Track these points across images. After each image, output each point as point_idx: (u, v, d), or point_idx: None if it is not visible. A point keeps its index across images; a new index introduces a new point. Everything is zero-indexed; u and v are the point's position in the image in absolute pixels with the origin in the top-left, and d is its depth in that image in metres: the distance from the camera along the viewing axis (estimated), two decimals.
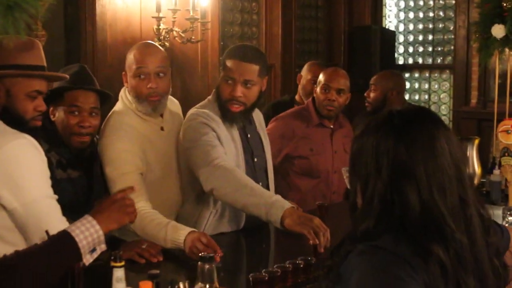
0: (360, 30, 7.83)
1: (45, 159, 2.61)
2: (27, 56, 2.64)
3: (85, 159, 3.17)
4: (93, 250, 2.38)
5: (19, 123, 2.64)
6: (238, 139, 3.42)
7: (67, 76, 3.00)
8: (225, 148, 3.32)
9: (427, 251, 1.57)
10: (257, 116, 3.68)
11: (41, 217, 2.53)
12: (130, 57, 3.37)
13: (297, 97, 5.52)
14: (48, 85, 2.80)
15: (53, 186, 2.59)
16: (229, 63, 3.36)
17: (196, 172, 3.23)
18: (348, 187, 3.55)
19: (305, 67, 5.49)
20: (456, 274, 1.59)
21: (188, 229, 2.99)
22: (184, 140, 3.36)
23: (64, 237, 2.33)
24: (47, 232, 2.43)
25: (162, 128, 3.46)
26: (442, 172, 1.63)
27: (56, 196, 2.62)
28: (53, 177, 2.66)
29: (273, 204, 2.98)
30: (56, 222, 2.58)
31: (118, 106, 3.46)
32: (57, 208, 2.61)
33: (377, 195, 1.65)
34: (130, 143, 3.28)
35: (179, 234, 2.97)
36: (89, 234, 2.35)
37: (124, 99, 3.43)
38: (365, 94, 5.39)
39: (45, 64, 2.74)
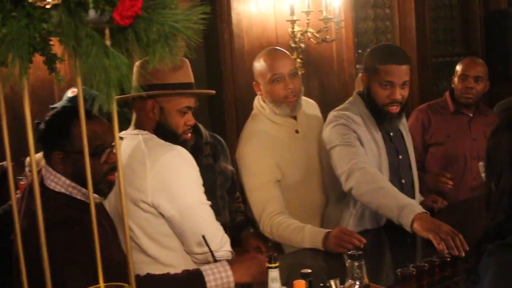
0: (496, 14, 7.61)
1: (197, 168, 2.79)
2: (178, 75, 2.82)
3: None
4: None
5: (172, 137, 2.83)
6: (380, 139, 3.47)
7: (213, 92, 3.17)
8: (367, 149, 3.38)
9: None
10: None
11: (196, 222, 2.71)
12: (260, 65, 3.49)
13: None
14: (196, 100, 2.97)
15: None
16: (384, 68, 3.37)
17: (337, 171, 3.32)
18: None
19: (357, 81, 4.92)
20: None
21: (325, 230, 3.16)
22: (325, 141, 3.44)
23: (196, 275, 2.48)
24: (203, 237, 2.60)
25: (297, 131, 3.57)
26: None
27: (209, 202, 2.80)
28: None
29: (405, 208, 3.03)
30: (211, 226, 2.75)
31: (252, 114, 3.61)
32: (210, 213, 2.78)
33: (509, 190, 1.66)
34: (265, 151, 3.42)
35: (317, 235, 3.14)
36: (219, 277, 2.47)
37: (258, 106, 3.57)
38: None
39: (193, 80, 2.91)
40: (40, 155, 2.48)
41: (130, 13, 1.50)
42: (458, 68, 4.56)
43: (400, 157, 3.56)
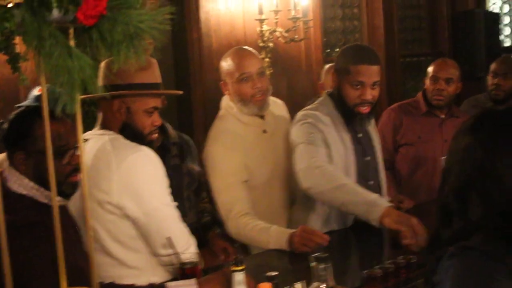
0: (463, 15, 7.67)
1: (163, 169, 2.76)
2: (145, 75, 2.79)
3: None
4: None
5: (138, 138, 2.80)
6: (348, 140, 3.46)
7: (181, 92, 3.15)
8: (333, 149, 3.37)
9: None
10: None
11: (162, 224, 2.68)
12: (228, 64, 3.49)
13: None
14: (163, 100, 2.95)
15: None
16: (355, 68, 3.38)
17: (295, 169, 3.31)
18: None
19: (324, 74, 5.09)
20: None
21: (290, 231, 3.16)
22: (291, 139, 3.44)
23: None
24: (169, 238, 2.58)
25: (264, 131, 3.57)
26: None
27: (175, 204, 2.77)
28: None
29: (372, 203, 3.05)
30: (177, 228, 2.73)
31: (220, 114, 3.60)
32: (176, 215, 2.76)
33: (456, 189, 1.66)
34: (232, 151, 3.42)
35: (282, 236, 3.15)
36: None
37: (226, 106, 3.56)
38: (496, 82, 5.09)
39: (160, 80, 2.89)
40: (3, 156, 2.44)
41: (94, 13, 1.48)
42: (430, 69, 4.56)
43: (368, 158, 3.56)
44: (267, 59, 5.77)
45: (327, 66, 5.13)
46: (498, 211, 1.60)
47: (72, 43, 1.52)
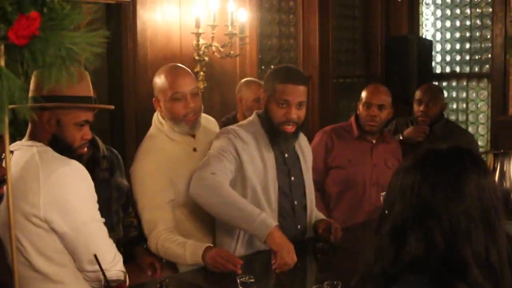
0: (397, 39, 7.83)
1: (92, 183, 2.73)
2: (77, 87, 2.74)
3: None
4: None
5: (67, 151, 2.77)
6: (271, 159, 3.48)
7: (112, 107, 3.12)
8: (249, 167, 3.39)
9: None
10: (300, 137, 3.69)
11: (89, 239, 2.65)
12: (161, 81, 3.46)
13: (239, 115, 5.21)
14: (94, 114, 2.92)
15: None
16: (281, 87, 3.42)
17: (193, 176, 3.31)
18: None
19: (244, 88, 5.20)
20: None
21: (205, 245, 3.16)
22: None
23: None
24: (95, 256, 2.55)
25: (195, 149, 3.56)
26: (467, 218, 1.63)
27: (103, 219, 2.75)
28: None
29: (260, 221, 3.09)
30: (104, 244, 2.70)
31: (151, 130, 3.57)
32: (104, 231, 2.73)
33: (399, 226, 1.67)
34: (160, 170, 3.40)
35: (197, 250, 3.14)
36: None
37: (157, 123, 3.54)
38: (422, 109, 5.19)
39: (92, 94, 2.86)
40: None
41: (26, 33, 1.46)
42: (363, 95, 4.61)
43: (292, 178, 3.58)
44: (202, 73, 5.78)
45: (242, 80, 5.20)
46: (438, 252, 1.61)
47: (2, 61, 1.49)
